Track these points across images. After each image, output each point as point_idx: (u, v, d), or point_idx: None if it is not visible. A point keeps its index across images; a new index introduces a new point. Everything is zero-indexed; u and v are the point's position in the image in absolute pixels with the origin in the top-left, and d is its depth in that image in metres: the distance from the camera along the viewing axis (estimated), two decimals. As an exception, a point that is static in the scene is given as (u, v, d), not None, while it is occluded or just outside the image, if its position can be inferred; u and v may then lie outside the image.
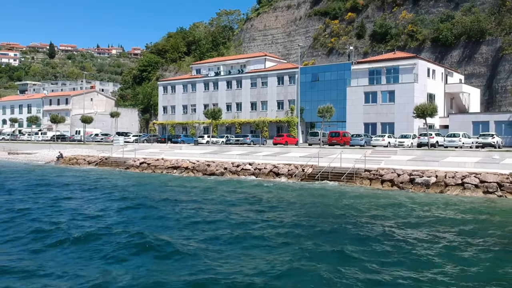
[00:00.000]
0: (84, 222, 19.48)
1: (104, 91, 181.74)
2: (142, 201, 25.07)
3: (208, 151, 47.42)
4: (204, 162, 39.11)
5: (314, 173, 33.16)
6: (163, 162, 41.46)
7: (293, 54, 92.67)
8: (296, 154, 40.59)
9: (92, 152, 56.50)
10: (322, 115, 42.51)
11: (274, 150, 44.23)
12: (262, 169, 35.23)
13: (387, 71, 56.23)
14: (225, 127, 71.74)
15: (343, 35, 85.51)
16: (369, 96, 56.57)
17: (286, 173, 34.00)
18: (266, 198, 25.91)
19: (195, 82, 76.60)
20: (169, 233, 17.40)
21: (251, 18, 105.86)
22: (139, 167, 42.51)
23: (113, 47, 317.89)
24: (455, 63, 70.10)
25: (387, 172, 29.90)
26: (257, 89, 69.09)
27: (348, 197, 26.31)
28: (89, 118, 63.26)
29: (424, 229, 18.42)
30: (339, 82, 60.26)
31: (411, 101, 53.19)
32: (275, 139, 53.80)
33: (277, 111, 66.89)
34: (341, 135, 48.80)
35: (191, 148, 50.69)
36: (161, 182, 33.58)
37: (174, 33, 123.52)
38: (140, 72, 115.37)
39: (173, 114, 79.92)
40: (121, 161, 45.76)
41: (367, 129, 56.20)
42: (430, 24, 76.34)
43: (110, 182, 34.25)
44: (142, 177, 37.40)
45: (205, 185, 31.70)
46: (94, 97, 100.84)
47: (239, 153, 43.84)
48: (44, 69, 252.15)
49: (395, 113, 54.22)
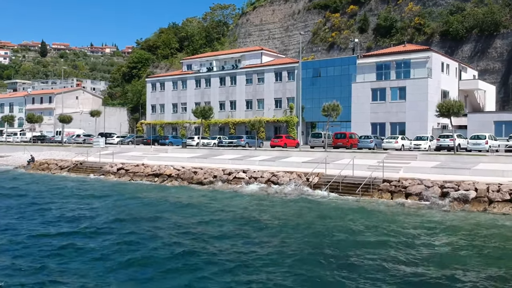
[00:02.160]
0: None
1: (96, 89, 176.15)
2: (90, 223, 19.45)
3: (197, 154, 41.76)
4: (191, 169, 33.40)
5: (321, 183, 27.53)
6: (143, 169, 35.70)
7: (291, 50, 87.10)
8: (298, 159, 35.00)
9: (69, 155, 50.66)
10: (328, 113, 36.77)
11: (272, 153, 38.62)
12: (259, 178, 29.53)
13: (397, 65, 50.65)
14: (218, 127, 66.00)
15: (345, 29, 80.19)
16: (376, 93, 50.96)
17: (287, 183, 28.35)
18: (264, 221, 20.17)
19: (186, 79, 70.78)
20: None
21: (247, 12, 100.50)
22: (116, 173, 36.74)
23: (107, 45, 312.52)
24: (466, 58, 64.76)
25: (412, 184, 24.28)
26: (253, 86, 63.40)
27: (371, 217, 20.60)
28: (68, 117, 57.34)
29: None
30: (343, 78, 54.64)
31: (424, 99, 47.74)
32: (273, 141, 48.13)
33: (275, 110, 61.21)
34: (347, 136, 43.14)
35: (178, 151, 45.00)
36: (134, 194, 27.83)
37: (166, 28, 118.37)
38: (130, 69, 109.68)
39: (162, 114, 74.05)
40: (97, 167, 39.99)
41: (374, 129, 50.64)
42: (439, 16, 71.07)
43: (71, 192, 28.66)
44: (116, 186, 31.67)
45: (187, 198, 26.03)
46: (80, 95, 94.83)
47: (232, 158, 38.23)
48: (35, 68, 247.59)
49: (406, 112, 48.68)
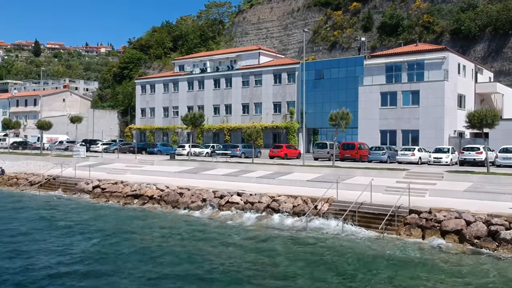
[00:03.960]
0: None
1: (89, 90, 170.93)
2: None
3: (187, 168, 36.80)
4: (176, 190, 28.40)
5: (332, 211, 22.62)
6: (121, 188, 30.65)
7: (291, 50, 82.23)
8: (301, 176, 30.13)
9: (46, 166, 45.57)
10: (336, 123, 31.83)
11: (271, 168, 33.67)
12: (256, 204, 24.57)
13: (409, 66, 45.81)
14: (212, 133, 61.00)
15: (348, 28, 75.44)
16: (386, 98, 46.12)
17: (290, 210, 23.42)
18: (261, 279, 15.26)
19: (178, 81, 65.73)
20: None
21: (243, 10, 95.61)
22: (91, 192, 31.70)
23: (102, 45, 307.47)
24: (479, 59, 60.01)
25: (447, 217, 19.36)
26: (250, 88, 58.46)
27: (403, 271, 15.62)
28: (47, 123, 52.13)
29: None
30: (348, 80, 49.77)
31: (441, 103, 42.94)
32: (272, 151, 43.19)
33: (274, 114, 56.29)
34: (356, 147, 38.22)
35: (166, 164, 40.03)
36: (101, 225, 22.80)
37: (159, 27, 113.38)
38: (121, 70, 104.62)
39: (152, 118, 68.99)
40: (72, 183, 34.95)
41: (384, 137, 45.82)
42: (449, 14, 66.31)
43: (25, 220, 23.66)
44: (85, 211, 26.62)
45: (165, 234, 20.95)
46: (67, 97, 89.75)
47: (226, 173, 33.31)
48: (28, 68, 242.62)
49: (420, 119, 43.85)
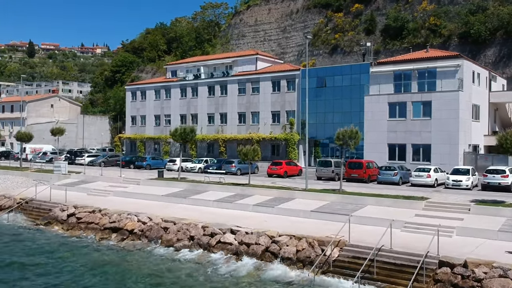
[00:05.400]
0: None
1: (83, 92, 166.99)
2: None
3: (176, 190, 33.00)
4: (160, 223, 24.52)
5: (343, 260, 18.81)
6: (99, 218, 26.73)
7: (289, 53, 78.45)
8: (305, 204, 26.41)
9: (24, 183, 41.65)
10: (343, 142, 27.96)
11: (269, 193, 29.85)
12: (252, 245, 20.73)
13: (419, 74, 42.05)
14: (206, 143, 57.12)
15: (349, 31, 71.76)
16: (395, 108, 42.36)
17: (294, 256, 19.61)
18: None
19: (170, 87, 61.83)
20: None
21: (240, 11, 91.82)
22: (65, 222, 27.77)
23: (98, 46, 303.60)
24: (490, 64, 56.37)
25: (490, 275, 15.30)
26: (247, 96, 54.61)
27: None
28: (27, 135, 48.16)
29: None
30: (353, 89, 46.04)
31: (455, 116, 39.23)
32: (271, 169, 39.28)
33: (272, 125, 52.48)
34: (364, 166, 34.37)
35: (152, 184, 36.16)
36: (54, 279, 18.85)
37: (152, 29, 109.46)
38: (113, 74, 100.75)
39: (143, 126, 65.05)
40: (46, 208, 31.01)
41: (392, 152, 42.09)
42: (457, 16, 62.64)
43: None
44: (51, 250, 22.70)
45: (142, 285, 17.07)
46: (56, 102, 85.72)
47: (219, 198, 29.52)
48: (21, 69, 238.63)
49: (432, 132, 40.10)
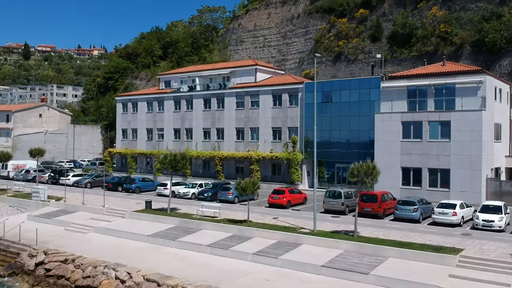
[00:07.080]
0: None
1: (78, 96, 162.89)
2: None
3: (164, 228, 28.96)
4: (141, 283, 20.41)
5: None
6: (71, 271, 22.61)
7: (290, 60, 74.46)
8: (313, 253, 22.41)
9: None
10: (359, 179, 23.86)
11: (271, 236, 25.76)
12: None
13: (436, 91, 37.96)
14: (202, 161, 53.02)
15: (354, 37, 67.71)
16: (409, 128, 38.21)
17: None
18: None
19: (163, 99, 57.69)
20: None
21: (239, 16, 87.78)
22: (32, 273, 23.67)
23: (95, 48, 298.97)
24: (506, 75, 52.34)
25: None
26: (245, 110, 50.52)
27: None
28: (6, 154, 43.89)
29: None
30: (362, 105, 41.96)
31: (477, 138, 35.16)
32: (272, 198, 35.07)
33: (273, 142, 48.37)
34: (379, 199, 30.25)
35: (139, 217, 32.05)
36: None
37: (147, 33, 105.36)
38: (106, 81, 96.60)
39: (134, 140, 60.87)
40: (13, 252, 26.89)
41: (406, 177, 37.97)
42: (469, 23, 58.59)
43: None
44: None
45: None
46: (44, 112, 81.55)
47: (212, 242, 25.49)
48: (16, 72, 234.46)
49: (451, 156, 36.00)
